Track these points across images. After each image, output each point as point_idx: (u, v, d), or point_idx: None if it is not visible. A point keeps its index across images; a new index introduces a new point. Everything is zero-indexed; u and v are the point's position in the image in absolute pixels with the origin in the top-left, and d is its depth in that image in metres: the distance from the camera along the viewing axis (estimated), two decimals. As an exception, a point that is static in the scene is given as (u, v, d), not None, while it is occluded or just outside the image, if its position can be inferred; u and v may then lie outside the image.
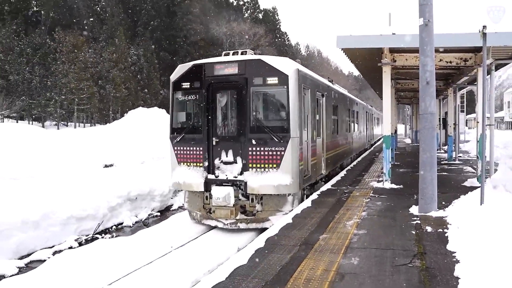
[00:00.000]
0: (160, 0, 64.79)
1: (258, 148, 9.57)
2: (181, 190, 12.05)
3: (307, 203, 9.75)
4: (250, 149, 9.61)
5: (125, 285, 7.32)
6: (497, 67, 14.19)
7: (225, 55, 10.62)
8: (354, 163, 19.66)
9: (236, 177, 9.74)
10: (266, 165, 9.51)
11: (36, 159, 13.96)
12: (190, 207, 10.92)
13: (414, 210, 8.66)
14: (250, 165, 9.62)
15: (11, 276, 8.32)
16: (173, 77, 10.67)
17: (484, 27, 7.90)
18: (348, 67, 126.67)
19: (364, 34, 11.29)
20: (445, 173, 14.60)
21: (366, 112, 28.10)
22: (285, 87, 9.50)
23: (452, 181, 12.73)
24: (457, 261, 5.52)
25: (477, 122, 11.29)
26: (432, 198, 8.44)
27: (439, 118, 24.68)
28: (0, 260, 8.88)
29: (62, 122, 52.41)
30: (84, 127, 48.96)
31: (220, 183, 9.85)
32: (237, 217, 9.82)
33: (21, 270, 8.78)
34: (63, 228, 10.61)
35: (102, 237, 11.09)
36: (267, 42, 65.95)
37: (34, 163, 13.59)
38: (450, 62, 12.65)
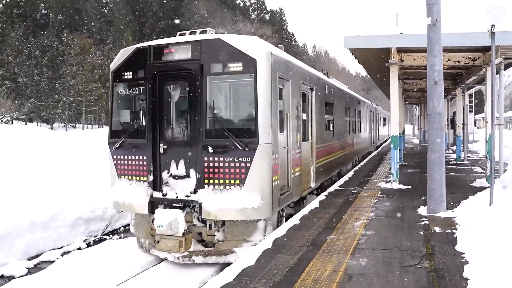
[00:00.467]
0: (168, 2, 65.13)
1: (216, 158, 7.22)
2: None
3: (315, 204, 9.72)
4: (206, 159, 7.26)
5: (133, 285, 7.35)
6: (506, 67, 14.08)
7: (180, 35, 8.30)
8: (359, 165, 19.56)
9: (188, 196, 7.44)
10: (227, 181, 7.19)
11: (44, 161, 14.09)
12: (137, 232, 8.49)
13: (422, 210, 8.61)
14: (207, 181, 7.29)
15: (20, 276, 8.40)
16: (113, 65, 8.40)
17: (493, 26, 7.84)
18: (355, 68, 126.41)
19: (371, 34, 11.28)
20: (454, 173, 14.49)
21: (371, 111, 25.80)
22: (252, 75, 7.17)
23: (460, 181, 12.63)
24: (466, 262, 5.47)
25: (486, 122, 11.19)
26: (440, 199, 8.38)
27: (448, 118, 24.51)
28: (10, 261, 8.96)
29: (70, 124, 52.87)
30: (92, 128, 49.29)
31: (169, 203, 7.62)
32: (191, 249, 7.55)
33: (30, 271, 8.85)
34: (72, 229, 10.68)
35: (110, 238, 11.15)
36: (274, 43, 65.85)
37: (43, 165, 13.72)
38: (458, 61, 12.57)
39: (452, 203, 8.99)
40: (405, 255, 5.88)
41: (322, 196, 10.71)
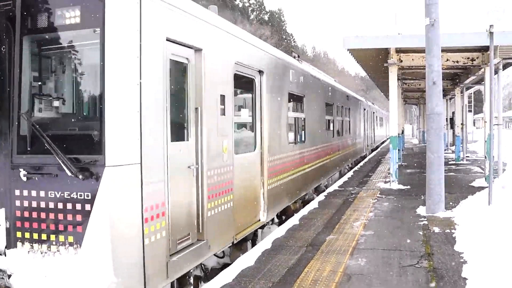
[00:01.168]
0: None
1: (35, 191, 4.00)
2: None
3: (314, 204, 9.73)
4: (18, 192, 4.07)
5: None
6: (505, 66, 14.10)
7: None
8: (358, 166, 19.54)
9: None
10: (54, 237, 3.94)
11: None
12: None
13: (421, 210, 8.62)
14: (20, 234, 4.07)
15: None
16: None
17: (491, 26, 7.87)
18: (354, 68, 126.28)
19: (370, 35, 11.29)
20: (453, 174, 14.50)
21: (364, 109, 22.12)
22: (98, 31, 3.84)
23: (459, 182, 12.64)
24: (465, 262, 5.48)
25: (485, 121, 11.22)
26: (439, 199, 8.39)
27: (447, 118, 24.53)
28: None
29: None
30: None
31: None
32: None
33: None
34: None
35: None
36: (274, 43, 66.06)
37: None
38: (457, 61, 12.60)
39: (451, 203, 9.00)
40: (404, 255, 5.89)
41: (321, 197, 10.72)
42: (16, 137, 4.13)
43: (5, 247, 4.13)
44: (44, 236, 3.99)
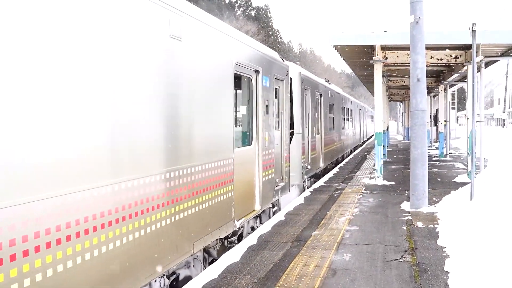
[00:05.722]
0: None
1: None
2: None
3: (300, 200, 9.77)
4: None
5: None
6: (487, 65, 14.34)
7: None
8: (344, 162, 19.69)
9: None
10: None
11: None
12: None
13: (405, 206, 8.74)
14: None
15: None
16: None
17: (474, 24, 7.98)
18: (340, 66, 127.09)
19: (356, 32, 11.39)
20: (436, 170, 14.72)
21: (321, 95, 14.37)
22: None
23: (443, 177, 12.84)
24: (447, 256, 5.58)
25: (467, 118, 11.40)
26: (423, 194, 8.51)
27: (430, 115, 24.86)
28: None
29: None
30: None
31: None
32: None
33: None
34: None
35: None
36: (260, 39, 65.95)
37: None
38: (441, 59, 12.76)
39: (434, 199, 9.14)
40: (388, 250, 5.96)
41: (307, 192, 10.78)
42: None
43: None
44: None
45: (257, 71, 7.17)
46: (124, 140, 3.76)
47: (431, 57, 12.58)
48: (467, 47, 12.23)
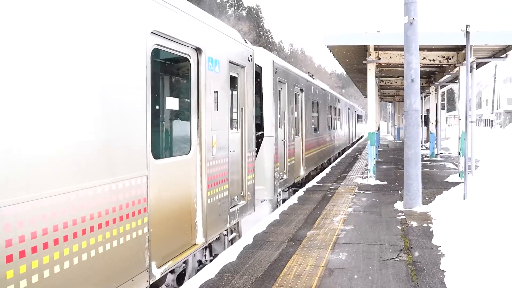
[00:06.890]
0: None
1: None
2: None
3: (293, 199, 9.78)
4: None
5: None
6: (478, 66, 14.49)
7: None
8: (335, 162, 19.75)
9: None
10: None
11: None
12: None
13: (399, 205, 8.79)
14: None
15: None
16: None
17: (467, 25, 8.06)
18: (331, 66, 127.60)
19: (349, 32, 11.44)
20: (428, 169, 14.83)
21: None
22: None
23: (435, 177, 12.94)
24: (443, 255, 5.62)
25: (459, 119, 11.51)
26: (416, 194, 8.57)
27: (421, 116, 25.04)
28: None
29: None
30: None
31: None
32: None
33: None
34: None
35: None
36: (251, 39, 65.93)
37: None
38: (434, 60, 12.86)
39: (427, 198, 9.21)
40: (384, 249, 5.99)
41: (300, 192, 10.79)
42: None
43: None
44: None
45: (198, 49, 5.17)
46: None
47: (424, 58, 12.68)
48: (459, 48, 12.35)
